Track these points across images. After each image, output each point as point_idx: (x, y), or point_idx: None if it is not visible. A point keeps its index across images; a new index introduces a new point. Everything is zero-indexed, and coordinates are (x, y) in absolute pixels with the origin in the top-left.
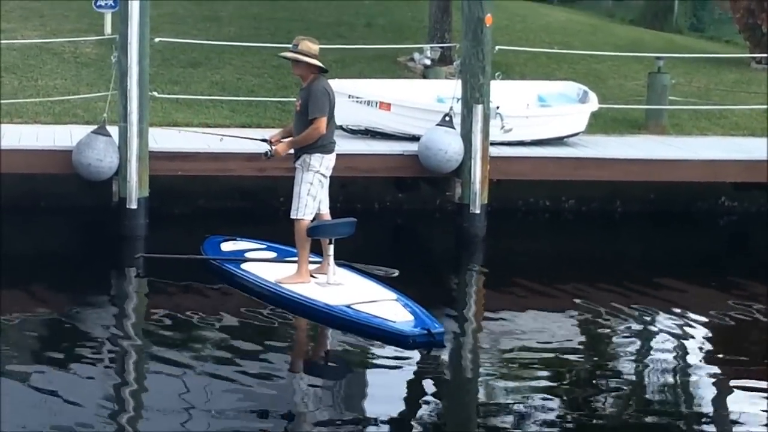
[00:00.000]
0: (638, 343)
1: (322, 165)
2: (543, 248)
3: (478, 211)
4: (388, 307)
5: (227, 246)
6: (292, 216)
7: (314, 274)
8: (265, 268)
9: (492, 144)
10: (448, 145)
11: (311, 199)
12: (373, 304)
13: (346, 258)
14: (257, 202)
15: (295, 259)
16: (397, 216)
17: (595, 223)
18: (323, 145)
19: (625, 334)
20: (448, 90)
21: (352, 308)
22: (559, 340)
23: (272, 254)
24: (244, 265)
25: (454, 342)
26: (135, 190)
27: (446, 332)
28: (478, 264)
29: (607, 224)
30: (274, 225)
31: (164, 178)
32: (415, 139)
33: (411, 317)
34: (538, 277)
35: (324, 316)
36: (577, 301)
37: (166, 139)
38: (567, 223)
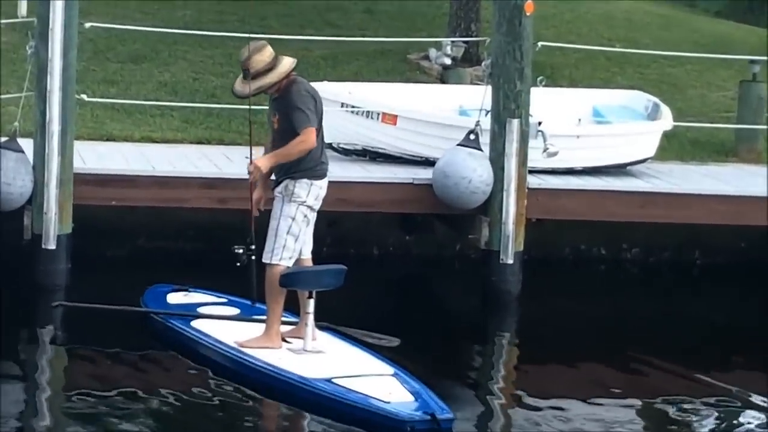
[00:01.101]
0: None
1: (310, 195)
2: (596, 312)
3: (510, 261)
4: (382, 383)
5: (175, 298)
6: (265, 260)
7: (287, 338)
8: (223, 327)
9: (531, 172)
10: (473, 171)
11: (292, 239)
12: (362, 379)
13: (331, 319)
14: (216, 244)
15: (264, 318)
16: (403, 265)
17: (667, 280)
18: (311, 168)
19: None
20: (473, 99)
21: (333, 383)
22: None
23: (234, 310)
24: (195, 323)
25: None
26: (54, 224)
27: (456, 420)
28: (508, 332)
29: (682, 281)
30: (237, 274)
31: (94, 210)
32: (428, 163)
33: (411, 398)
34: (589, 351)
35: (298, 394)
36: (640, 384)
37: (97, 157)
38: (629, 279)
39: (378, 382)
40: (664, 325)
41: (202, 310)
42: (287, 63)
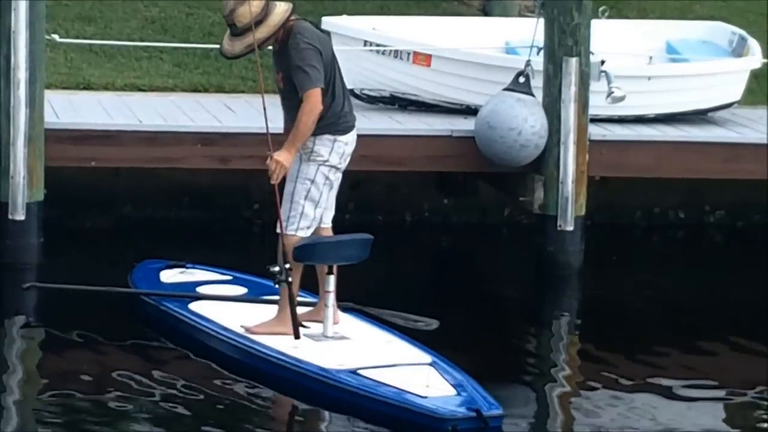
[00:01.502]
0: None
1: (333, 152)
2: (674, 288)
3: (571, 228)
4: (418, 374)
5: (170, 276)
6: (279, 230)
7: (305, 322)
8: (226, 309)
9: (593, 121)
10: (524, 121)
11: (311, 205)
12: (394, 369)
13: (356, 299)
14: (218, 211)
15: (277, 298)
16: (442, 234)
17: (758, 247)
18: (333, 122)
19: None
20: (522, 34)
21: (359, 375)
22: None
23: (241, 290)
24: (193, 305)
25: None
26: (22, 190)
27: (506, 417)
28: (568, 312)
29: None
30: (243, 247)
31: (70, 173)
32: (469, 111)
33: (452, 391)
34: (664, 335)
35: (317, 388)
36: (727, 375)
37: (72, 109)
38: (713, 247)
39: (413, 372)
40: (756, 302)
41: (202, 289)
42: (279, 12)
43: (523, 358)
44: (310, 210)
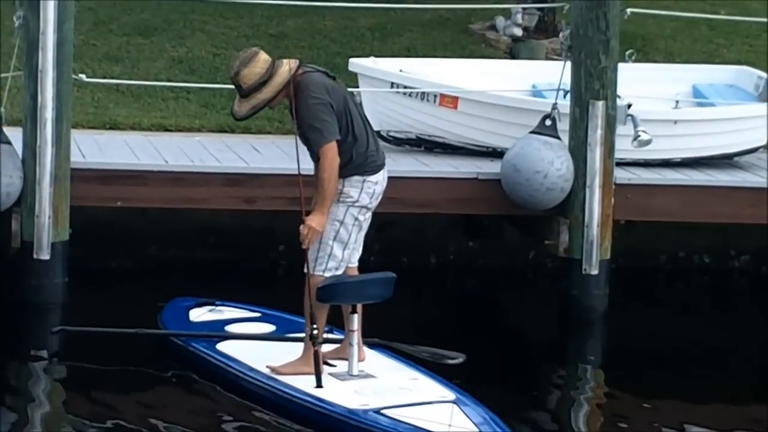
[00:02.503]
0: None
1: (363, 193)
2: (699, 333)
3: (596, 272)
4: (441, 412)
5: (199, 314)
6: (306, 270)
7: (330, 360)
8: (254, 349)
9: (619, 164)
10: (550, 164)
11: (339, 247)
12: (418, 408)
13: (383, 335)
14: (243, 252)
15: (303, 335)
16: (467, 276)
17: None
18: (360, 163)
19: None
20: (549, 77)
21: (386, 415)
22: None
23: (270, 327)
24: (221, 345)
25: None
26: (48, 230)
27: None
28: (593, 356)
29: None
30: (268, 288)
31: (95, 212)
32: (496, 154)
33: (474, 429)
34: (690, 380)
35: (342, 428)
36: (753, 423)
37: (98, 149)
38: (738, 293)
39: (436, 410)
40: None
41: (230, 327)
42: (284, 71)
43: (547, 400)
44: (338, 251)
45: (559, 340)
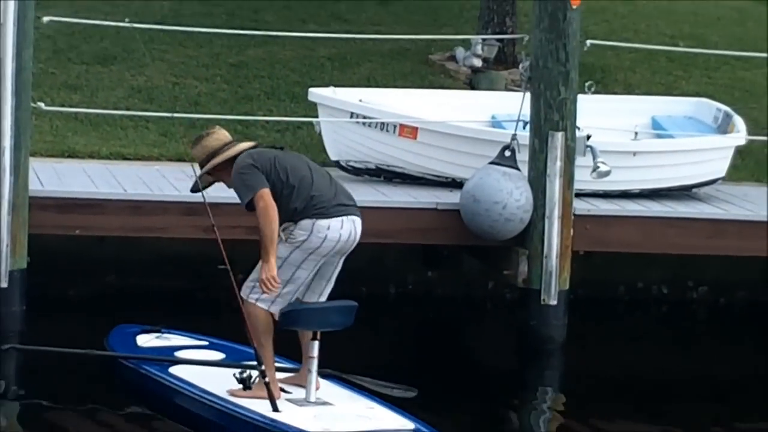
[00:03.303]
0: None
1: (313, 235)
2: (657, 365)
3: (554, 302)
4: None
5: (146, 340)
6: (242, 294)
7: (287, 387)
8: (207, 373)
9: (578, 195)
10: (509, 195)
11: (281, 270)
12: None
13: (340, 368)
14: (202, 281)
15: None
16: (426, 306)
17: (741, 324)
18: (306, 207)
19: None
20: (509, 108)
21: None
22: None
23: (219, 354)
24: (174, 369)
25: None
26: (6, 258)
27: None
28: (551, 386)
29: (759, 326)
30: (228, 317)
31: (53, 240)
32: (455, 184)
33: None
34: (648, 412)
35: None
36: None
37: (57, 177)
38: (696, 323)
39: None
40: (741, 381)
41: (180, 354)
42: (232, 151)
43: (504, 430)
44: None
45: (517, 370)
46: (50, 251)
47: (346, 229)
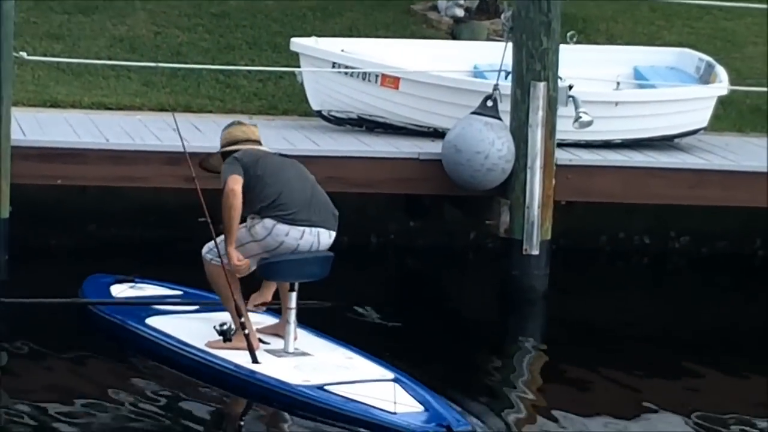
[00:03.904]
0: None
1: (270, 237)
2: (637, 314)
3: (536, 252)
4: (383, 391)
5: (120, 290)
6: (202, 251)
7: (265, 338)
8: (183, 325)
9: (560, 145)
10: (491, 145)
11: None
12: (360, 385)
13: (321, 321)
14: (183, 231)
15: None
16: (408, 256)
17: (722, 274)
18: (269, 207)
19: None
20: (491, 58)
21: (326, 391)
22: None
23: (192, 305)
24: (150, 320)
25: None
26: None
27: None
28: (532, 336)
29: (740, 276)
30: None
31: (35, 190)
32: (437, 134)
33: (419, 407)
34: (627, 359)
35: (284, 403)
36: (688, 401)
37: (39, 127)
38: (678, 273)
39: (378, 389)
40: (719, 329)
41: (156, 304)
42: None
43: (487, 381)
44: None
45: (499, 320)
46: (32, 201)
47: (306, 241)
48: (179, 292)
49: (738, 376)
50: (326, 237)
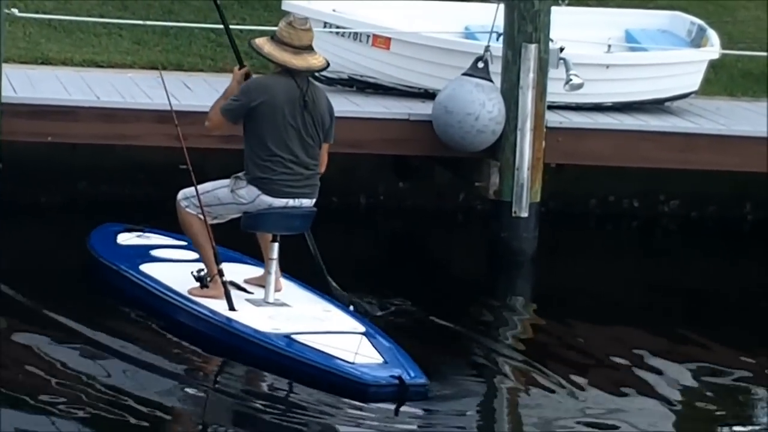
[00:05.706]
0: None
1: (252, 204)
2: (627, 276)
3: (525, 214)
4: (349, 342)
5: (126, 239)
6: (177, 198)
7: (249, 288)
8: (175, 273)
9: (551, 108)
10: (481, 106)
11: (216, 206)
12: (327, 336)
13: (309, 278)
14: (173, 190)
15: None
16: (396, 217)
17: (711, 238)
18: (256, 166)
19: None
20: (482, 19)
21: (292, 339)
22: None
23: (194, 255)
24: (144, 267)
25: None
26: None
27: (429, 387)
28: (521, 297)
29: (729, 240)
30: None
31: (25, 147)
32: (427, 95)
33: (379, 359)
34: (616, 322)
35: (250, 350)
36: (675, 363)
37: (29, 84)
38: (667, 237)
39: (345, 340)
40: (707, 291)
41: (156, 252)
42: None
43: (475, 342)
44: (214, 206)
45: (487, 282)
46: (22, 158)
47: (287, 207)
48: (184, 243)
49: (726, 338)
50: (308, 203)
